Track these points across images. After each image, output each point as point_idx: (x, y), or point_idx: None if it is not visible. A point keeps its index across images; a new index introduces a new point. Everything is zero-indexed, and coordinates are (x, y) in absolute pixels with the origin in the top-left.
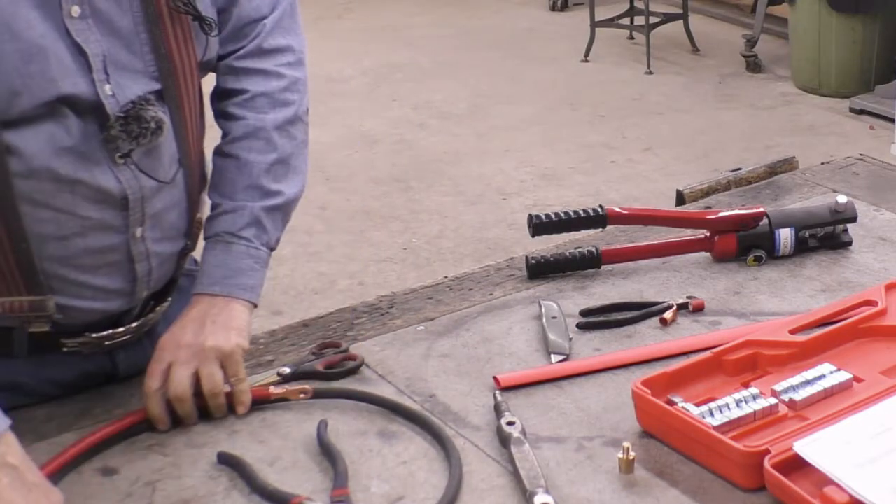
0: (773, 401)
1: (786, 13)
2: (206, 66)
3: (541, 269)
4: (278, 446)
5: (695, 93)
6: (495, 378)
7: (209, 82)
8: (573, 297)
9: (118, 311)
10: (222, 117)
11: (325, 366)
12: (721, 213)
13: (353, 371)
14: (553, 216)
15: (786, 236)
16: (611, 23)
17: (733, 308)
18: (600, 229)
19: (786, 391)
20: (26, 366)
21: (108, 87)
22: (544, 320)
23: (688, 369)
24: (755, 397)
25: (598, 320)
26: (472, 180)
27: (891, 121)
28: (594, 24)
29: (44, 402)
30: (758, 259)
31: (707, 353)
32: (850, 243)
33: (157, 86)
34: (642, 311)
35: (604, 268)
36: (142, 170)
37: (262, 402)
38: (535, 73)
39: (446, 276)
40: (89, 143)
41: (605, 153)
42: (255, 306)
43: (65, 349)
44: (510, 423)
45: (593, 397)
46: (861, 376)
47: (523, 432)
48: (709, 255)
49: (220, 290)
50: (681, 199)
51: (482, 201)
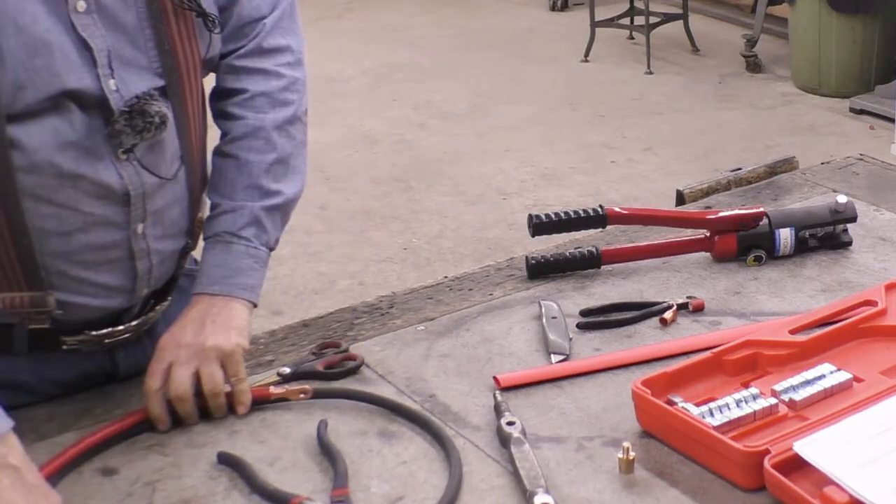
0: (773, 401)
1: (786, 13)
2: (208, 64)
3: (541, 269)
4: (278, 446)
5: (695, 93)
6: (495, 378)
7: (210, 82)
8: (573, 297)
9: (118, 309)
10: (221, 117)
11: (325, 366)
12: (721, 213)
13: (353, 371)
14: (553, 216)
15: (786, 236)
16: (611, 23)
17: (733, 308)
18: (600, 229)
19: (786, 391)
20: (26, 364)
21: (112, 82)
22: (544, 320)
23: (688, 369)
24: (755, 397)
25: (598, 320)
26: (472, 180)
27: (891, 121)
28: (594, 24)
29: (44, 402)
30: (758, 259)
31: (707, 353)
32: (850, 243)
33: (160, 82)
34: (642, 311)
35: (604, 268)
36: (144, 166)
37: (262, 402)
38: (535, 73)
39: (446, 276)
40: (93, 139)
41: (605, 153)
42: (255, 306)
43: (65, 347)
44: (510, 423)
45: (593, 397)
46: (861, 376)
47: (523, 432)
48: (709, 255)
49: (219, 290)
50: (681, 199)
51: (482, 201)
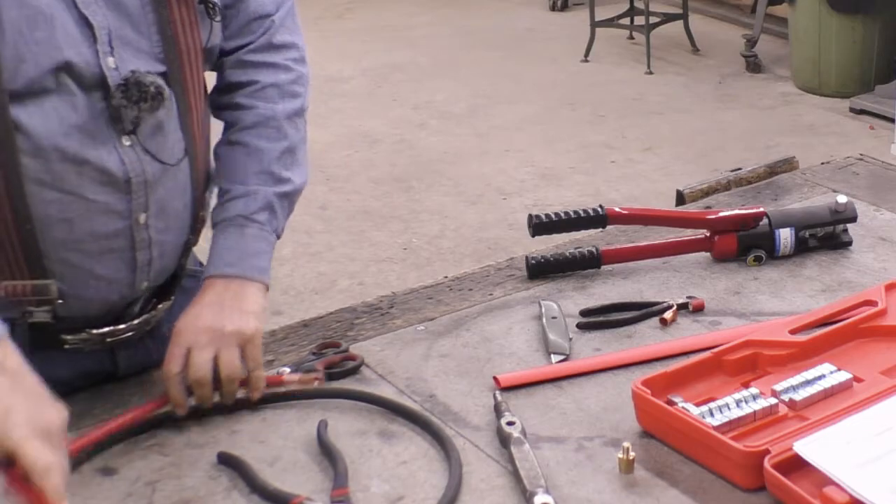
0: (773, 401)
1: (786, 13)
2: (209, 56)
3: (541, 269)
4: (278, 446)
5: (695, 93)
6: (495, 378)
7: (210, 80)
8: (573, 297)
9: (118, 303)
10: (228, 109)
11: (325, 366)
12: (721, 213)
13: (353, 371)
14: (553, 216)
15: (786, 236)
16: (611, 23)
17: (733, 308)
18: (600, 229)
19: (786, 391)
20: (27, 362)
21: (111, 60)
22: (544, 320)
23: (688, 369)
24: (755, 397)
25: (598, 320)
26: (472, 180)
27: (891, 121)
28: (594, 24)
29: None
30: (758, 259)
31: (707, 353)
32: (850, 243)
33: (162, 67)
34: (642, 311)
35: (604, 268)
36: (147, 150)
37: (276, 388)
38: (535, 73)
39: (446, 276)
40: (96, 122)
41: (605, 153)
42: (268, 289)
43: (67, 346)
44: (510, 423)
45: (593, 397)
46: (861, 376)
47: (523, 432)
48: (709, 255)
49: (235, 272)
50: (681, 199)
51: (482, 201)
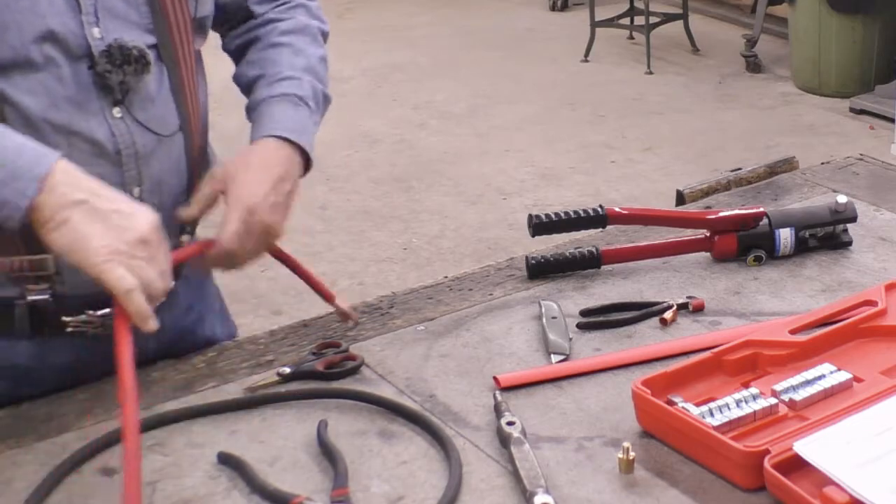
0: (773, 401)
1: (786, 13)
2: (201, 27)
3: (541, 269)
4: (278, 446)
5: (695, 93)
6: (495, 378)
7: (210, 67)
8: (573, 297)
9: None
10: (261, 26)
11: (325, 366)
12: (721, 213)
13: (353, 371)
14: (553, 216)
15: (786, 236)
16: (611, 23)
17: (733, 308)
18: (600, 229)
19: (786, 391)
20: (28, 347)
21: (96, 31)
22: (544, 320)
23: (688, 369)
24: (755, 397)
25: (598, 320)
26: (472, 180)
27: (891, 121)
28: (594, 24)
29: (43, 396)
30: (758, 259)
31: (707, 353)
32: (850, 243)
33: (151, 39)
34: (642, 311)
35: (604, 268)
36: (138, 121)
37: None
38: (535, 73)
39: (446, 276)
40: (85, 93)
41: (605, 153)
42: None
43: (68, 329)
44: (510, 423)
45: (593, 397)
46: (861, 376)
47: (523, 432)
48: (709, 255)
49: (295, 138)
50: (681, 199)
51: (482, 201)
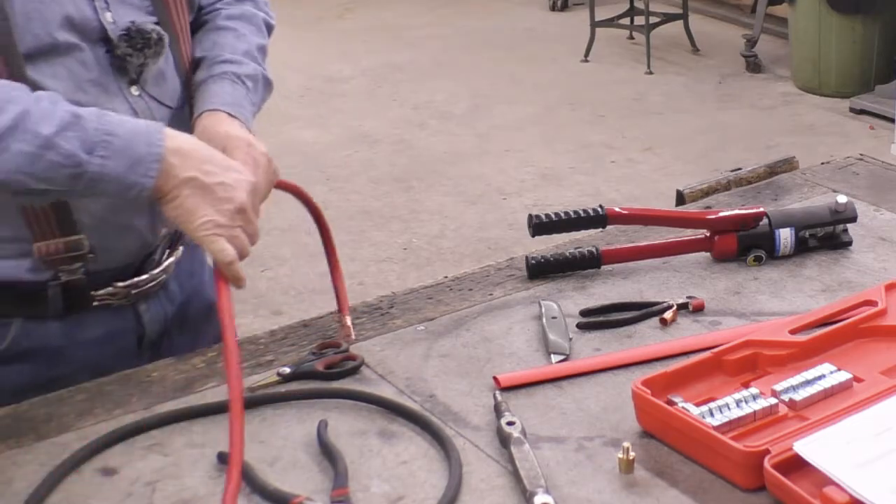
0: (773, 401)
1: (786, 13)
2: (191, 4)
3: (541, 269)
4: (278, 446)
5: (695, 93)
6: (495, 378)
7: None
8: (573, 297)
9: (140, 252)
10: (206, 14)
11: (325, 366)
12: (721, 213)
13: (353, 371)
14: (553, 216)
15: (786, 236)
16: (611, 23)
17: (733, 308)
18: (600, 229)
19: (786, 391)
20: (58, 328)
21: (109, 15)
22: (544, 320)
23: (688, 369)
24: (755, 397)
25: (598, 320)
26: (472, 180)
27: (891, 121)
28: (594, 25)
29: (76, 374)
30: (758, 259)
31: (707, 353)
32: (850, 243)
33: (152, 19)
34: (642, 311)
35: (604, 268)
36: (153, 97)
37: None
38: (535, 73)
39: (446, 276)
40: (106, 76)
41: (605, 153)
42: None
43: (95, 303)
44: (510, 423)
45: (593, 397)
46: (861, 376)
47: (523, 432)
48: (709, 255)
49: (233, 112)
50: (681, 199)
51: (482, 201)
